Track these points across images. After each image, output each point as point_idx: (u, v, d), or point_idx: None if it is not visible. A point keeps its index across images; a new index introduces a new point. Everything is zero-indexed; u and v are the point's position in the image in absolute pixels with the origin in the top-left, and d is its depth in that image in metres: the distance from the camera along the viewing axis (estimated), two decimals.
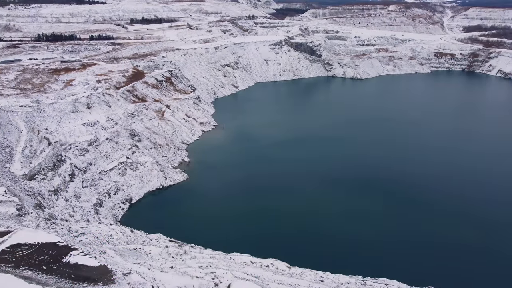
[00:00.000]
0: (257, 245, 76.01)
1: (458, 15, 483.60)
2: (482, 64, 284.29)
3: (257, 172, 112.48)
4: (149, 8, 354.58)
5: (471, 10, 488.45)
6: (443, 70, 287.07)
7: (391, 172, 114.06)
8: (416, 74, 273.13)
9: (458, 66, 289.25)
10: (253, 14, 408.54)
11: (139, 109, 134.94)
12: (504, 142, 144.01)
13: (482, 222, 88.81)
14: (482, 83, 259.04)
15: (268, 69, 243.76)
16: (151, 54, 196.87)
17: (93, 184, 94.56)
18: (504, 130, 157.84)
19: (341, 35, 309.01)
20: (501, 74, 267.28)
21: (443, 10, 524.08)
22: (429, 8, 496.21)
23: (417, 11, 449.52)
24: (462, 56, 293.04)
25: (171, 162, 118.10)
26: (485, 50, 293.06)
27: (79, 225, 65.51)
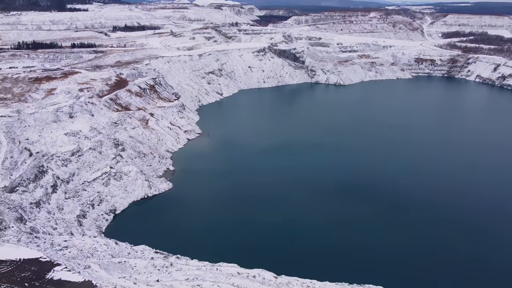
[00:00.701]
0: (244, 254, 75.80)
1: (437, 22, 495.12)
2: (461, 70, 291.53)
3: (242, 180, 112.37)
4: (131, 16, 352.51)
5: (450, 16, 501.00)
6: (423, 75, 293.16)
7: (376, 178, 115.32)
8: (397, 79, 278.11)
9: (438, 72, 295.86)
10: (237, 21, 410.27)
11: (123, 117, 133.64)
12: (484, 145, 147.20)
13: (469, 227, 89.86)
14: (461, 88, 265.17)
15: (252, 76, 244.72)
16: (134, 62, 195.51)
17: (76, 195, 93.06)
18: (484, 134, 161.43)
19: (323, 42, 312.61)
20: (480, 79, 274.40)
21: (423, 16, 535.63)
22: (409, 15, 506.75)
23: (397, 17, 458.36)
24: (442, 61, 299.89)
25: (155, 171, 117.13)
26: (463, 55, 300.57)
27: (62, 238, 64.32)
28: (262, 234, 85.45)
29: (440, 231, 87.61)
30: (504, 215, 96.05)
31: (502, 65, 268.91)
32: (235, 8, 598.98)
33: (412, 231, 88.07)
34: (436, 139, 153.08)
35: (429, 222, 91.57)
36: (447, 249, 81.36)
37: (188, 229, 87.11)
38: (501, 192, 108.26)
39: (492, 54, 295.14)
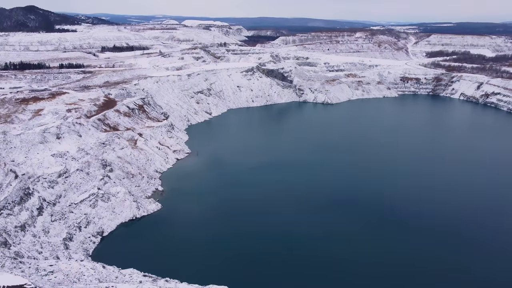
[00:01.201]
0: (234, 275, 74.85)
1: (421, 41, 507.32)
2: (446, 88, 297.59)
3: (232, 199, 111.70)
4: (120, 36, 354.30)
5: (433, 36, 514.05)
6: (409, 94, 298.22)
7: (365, 194, 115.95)
8: (384, 98, 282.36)
9: (423, 90, 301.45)
10: (225, 41, 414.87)
11: (111, 138, 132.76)
12: (470, 161, 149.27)
13: (455, 240, 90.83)
14: (447, 106, 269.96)
15: (240, 95, 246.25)
16: (123, 82, 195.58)
17: (63, 217, 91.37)
18: (470, 151, 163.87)
19: (311, 61, 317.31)
20: (464, 97, 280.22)
21: (407, 36, 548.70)
22: (393, 35, 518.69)
23: (382, 37, 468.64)
24: (427, 80, 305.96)
25: (144, 192, 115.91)
26: (447, 74, 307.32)
27: (47, 262, 62.75)
28: (252, 254, 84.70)
29: (430, 247, 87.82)
30: (491, 227, 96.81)
31: (485, 83, 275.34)
32: (224, 29, 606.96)
33: (401, 245, 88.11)
34: (424, 156, 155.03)
35: (421, 237, 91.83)
36: (435, 262, 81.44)
37: (177, 250, 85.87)
38: (487, 205, 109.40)
39: (475, 72, 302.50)
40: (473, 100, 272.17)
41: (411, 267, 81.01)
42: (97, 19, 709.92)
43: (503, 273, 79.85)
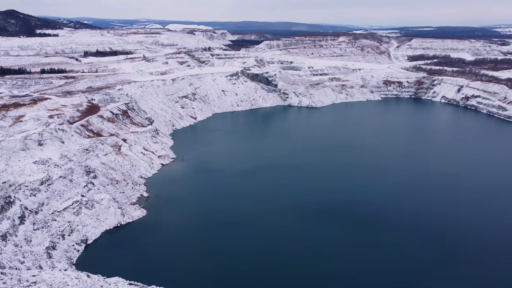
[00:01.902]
0: (221, 281, 74.61)
1: (403, 45, 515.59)
2: (427, 91, 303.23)
3: (218, 205, 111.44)
4: (103, 41, 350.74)
5: (414, 40, 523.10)
6: (392, 97, 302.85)
7: (352, 198, 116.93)
8: (367, 101, 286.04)
9: (406, 93, 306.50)
10: (209, 45, 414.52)
11: (95, 144, 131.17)
12: (454, 162, 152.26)
13: (445, 249, 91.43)
14: (428, 108, 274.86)
15: (225, 100, 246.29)
16: (107, 87, 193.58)
17: (46, 225, 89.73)
18: (452, 152, 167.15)
19: (295, 66, 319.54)
20: (445, 100, 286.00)
21: (389, 40, 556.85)
22: (376, 39, 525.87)
23: (365, 41, 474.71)
24: (409, 83, 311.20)
25: (129, 198, 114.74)
26: (429, 77, 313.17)
27: (30, 273, 61.54)
28: (240, 260, 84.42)
29: (418, 255, 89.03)
30: (480, 233, 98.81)
31: (465, 86, 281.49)
32: (208, 33, 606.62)
33: (386, 253, 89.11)
34: (410, 158, 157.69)
35: (405, 244, 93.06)
36: (426, 271, 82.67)
37: (164, 257, 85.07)
38: (473, 209, 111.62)
39: (455, 76, 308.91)
40: (454, 102, 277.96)
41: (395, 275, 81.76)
42: (79, 23, 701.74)
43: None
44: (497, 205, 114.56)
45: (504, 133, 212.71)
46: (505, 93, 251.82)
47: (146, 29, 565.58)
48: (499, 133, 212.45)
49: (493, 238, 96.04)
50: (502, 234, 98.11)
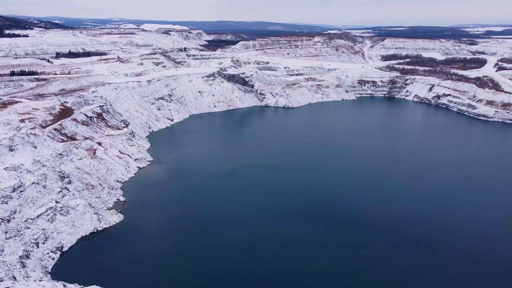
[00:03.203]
0: (201, 284, 74.52)
1: (376, 45, 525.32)
2: (400, 90, 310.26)
3: (197, 208, 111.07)
4: (76, 41, 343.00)
5: (387, 40, 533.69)
6: (366, 96, 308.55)
7: (331, 197, 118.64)
8: (343, 101, 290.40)
9: (380, 92, 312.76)
10: (185, 46, 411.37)
11: (68, 148, 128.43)
12: (426, 161, 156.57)
13: (425, 245, 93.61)
14: (401, 107, 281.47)
15: (202, 101, 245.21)
16: (80, 90, 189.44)
17: (18, 234, 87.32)
18: (424, 150, 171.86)
19: (271, 66, 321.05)
20: (417, 99, 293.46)
21: (363, 40, 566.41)
22: (350, 39, 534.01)
23: (340, 41, 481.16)
24: (383, 83, 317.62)
25: (105, 203, 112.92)
26: (402, 77, 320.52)
27: (3, 284, 59.89)
28: (220, 263, 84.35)
29: (399, 252, 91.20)
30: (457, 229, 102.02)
31: (436, 85, 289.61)
32: (183, 33, 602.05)
33: (371, 253, 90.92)
34: (383, 156, 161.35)
35: (390, 242, 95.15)
36: (406, 270, 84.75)
37: (142, 262, 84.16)
38: (449, 206, 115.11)
39: (427, 75, 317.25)
40: (426, 101, 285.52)
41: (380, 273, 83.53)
42: (50, 23, 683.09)
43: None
44: (470, 202, 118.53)
45: (474, 130, 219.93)
46: (474, 92, 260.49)
47: (120, 29, 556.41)
48: (469, 131, 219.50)
49: (466, 233, 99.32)
50: (474, 229, 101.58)
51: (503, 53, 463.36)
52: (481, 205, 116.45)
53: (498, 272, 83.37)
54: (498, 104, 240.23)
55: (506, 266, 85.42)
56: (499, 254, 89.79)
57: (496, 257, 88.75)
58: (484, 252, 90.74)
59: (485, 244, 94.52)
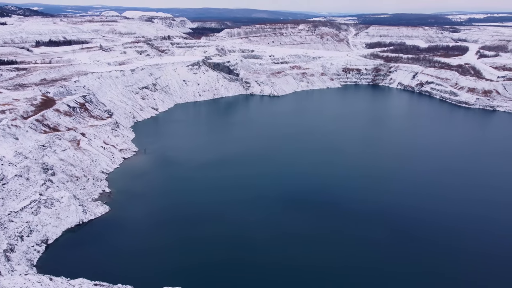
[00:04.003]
0: (188, 275, 75.06)
1: (361, 33, 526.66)
2: (384, 78, 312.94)
3: (183, 198, 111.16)
4: (56, 29, 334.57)
5: (372, 28, 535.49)
6: (351, 84, 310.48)
7: (318, 186, 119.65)
8: (328, 89, 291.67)
9: (364, 80, 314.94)
10: (169, 34, 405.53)
11: (51, 139, 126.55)
12: (410, 145, 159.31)
13: (409, 234, 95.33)
14: (385, 95, 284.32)
15: (187, 90, 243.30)
16: (62, 79, 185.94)
17: (2, 227, 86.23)
18: (408, 137, 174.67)
19: (256, 54, 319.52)
20: (401, 86, 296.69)
21: (347, 28, 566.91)
22: (335, 27, 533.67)
23: (324, 29, 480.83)
24: (367, 71, 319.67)
25: (90, 195, 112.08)
26: (386, 65, 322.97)
27: None
28: (207, 253, 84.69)
29: (388, 242, 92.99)
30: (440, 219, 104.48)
31: (420, 73, 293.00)
32: (167, 21, 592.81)
33: (355, 244, 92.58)
34: (371, 142, 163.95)
35: (375, 232, 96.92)
36: (393, 262, 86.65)
37: (129, 254, 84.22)
38: (433, 192, 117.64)
39: (410, 63, 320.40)
40: (409, 89, 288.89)
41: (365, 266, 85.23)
42: (29, 10, 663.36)
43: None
44: (451, 186, 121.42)
45: (456, 117, 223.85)
46: (456, 79, 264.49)
47: (102, 17, 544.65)
48: (451, 118, 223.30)
49: (447, 220, 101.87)
50: (455, 215, 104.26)
51: (484, 40, 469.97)
52: (464, 191, 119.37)
53: (487, 260, 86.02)
54: (479, 92, 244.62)
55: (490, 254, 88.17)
56: (484, 240, 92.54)
57: (482, 243, 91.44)
58: (464, 236, 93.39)
59: (468, 229, 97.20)
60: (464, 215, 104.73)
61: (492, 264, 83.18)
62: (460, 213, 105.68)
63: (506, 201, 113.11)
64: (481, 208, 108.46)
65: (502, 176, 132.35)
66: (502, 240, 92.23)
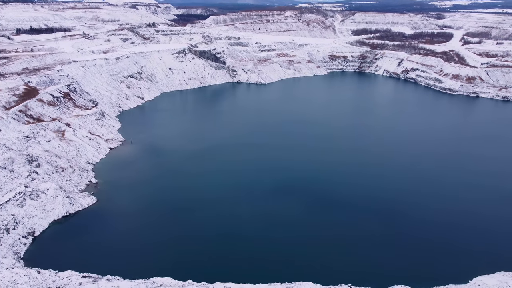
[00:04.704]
0: (177, 265, 75.62)
1: (347, 20, 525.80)
2: (370, 65, 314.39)
3: (172, 188, 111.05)
4: (37, 17, 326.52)
5: (358, 14, 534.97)
6: (338, 71, 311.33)
7: (307, 174, 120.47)
8: (314, 76, 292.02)
9: (351, 67, 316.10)
10: (154, 21, 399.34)
11: (36, 130, 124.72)
12: (395, 131, 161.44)
13: (388, 215, 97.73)
14: (371, 82, 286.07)
15: (173, 78, 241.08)
16: (45, 68, 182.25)
17: None
18: (395, 122, 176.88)
19: (243, 42, 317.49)
20: (387, 73, 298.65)
21: (334, 14, 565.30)
22: (321, 13, 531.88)
23: (311, 16, 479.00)
24: (353, 58, 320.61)
25: (77, 186, 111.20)
26: (372, 52, 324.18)
27: None
28: (194, 243, 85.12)
29: (364, 221, 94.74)
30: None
31: (405, 60, 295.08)
32: (151, 7, 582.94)
33: (334, 223, 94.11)
34: (356, 130, 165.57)
35: (354, 213, 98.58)
36: (369, 239, 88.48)
37: (118, 245, 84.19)
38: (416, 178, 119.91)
39: (396, 49, 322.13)
40: (395, 76, 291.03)
41: (346, 243, 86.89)
42: None
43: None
44: (434, 169, 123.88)
45: (440, 104, 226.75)
46: (441, 66, 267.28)
47: (85, 3, 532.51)
48: (435, 104, 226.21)
49: (429, 206, 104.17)
50: (438, 200, 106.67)
51: (468, 27, 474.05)
52: (447, 175, 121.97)
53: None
54: (463, 78, 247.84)
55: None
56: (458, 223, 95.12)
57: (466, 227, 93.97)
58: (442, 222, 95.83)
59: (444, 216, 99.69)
60: (446, 197, 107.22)
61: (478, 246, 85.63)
62: (442, 194, 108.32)
63: (488, 183, 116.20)
64: (463, 191, 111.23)
65: (483, 159, 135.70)
66: (487, 222, 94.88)
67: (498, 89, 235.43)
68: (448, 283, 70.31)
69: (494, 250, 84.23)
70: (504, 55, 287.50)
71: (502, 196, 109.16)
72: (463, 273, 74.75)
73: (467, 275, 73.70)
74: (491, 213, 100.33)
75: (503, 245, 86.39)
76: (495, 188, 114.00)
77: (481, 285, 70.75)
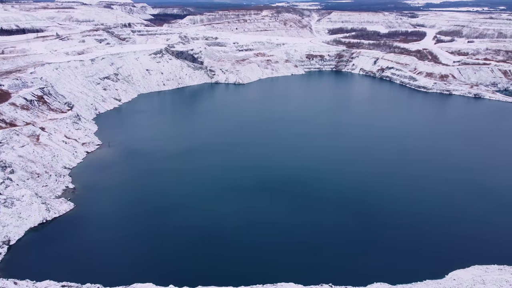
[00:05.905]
0: (158, 270, 75.06)
1: (323, 19, 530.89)
2: (347, 64, 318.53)
3: (151, 191, 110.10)
4: (8, 17, 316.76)
5: (334, 14, 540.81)
6: (315, 70, 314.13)
7: (288, 172, 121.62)
8: (292, 75, 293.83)
9: (328, 66, 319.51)
10: (130, 21, 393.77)
11: (9, 135, 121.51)
12: (372, 128, 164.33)
13: (366, 213, 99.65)
14: (348, 81, 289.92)
15: (151, 79, 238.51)
16: (17, 71, 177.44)
17: None
18: (371, 119, 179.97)
19: (220, 42, 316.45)
20: (363, 72, 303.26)
21: (310, 13, 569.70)
22: (298, 13, 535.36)
23: (287, 15, 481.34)
24: (330, 57, 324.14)
25: (53, 192, 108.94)
26: (348, 51, 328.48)
27: None
28: (175, 247, 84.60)
29: (343, 219, 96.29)
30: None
31: (380, 58, 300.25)
32: (127, 7, 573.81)
33: (317, 224, 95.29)
34: (334, 127, 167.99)
35: (336, 212, 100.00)
36: (350, 239, 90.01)
37: (97, 251, 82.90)
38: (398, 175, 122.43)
39: (372, 48, 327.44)
40: (371, 74, 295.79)
41: (327, 244, 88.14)
42: None
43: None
44: (409, 163, 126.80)
45: (414, 101, 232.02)
46: (415, 64, 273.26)
47: (57, 3, 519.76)
48: (410, 102, 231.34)
49: (406, 194, 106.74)
50: (414, 189, 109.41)
51: (441, 25, 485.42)
52: (421, 168, 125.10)
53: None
54: (437, 76, 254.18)
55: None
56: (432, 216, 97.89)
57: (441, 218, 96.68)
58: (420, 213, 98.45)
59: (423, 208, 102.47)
60: (420, 193, 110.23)
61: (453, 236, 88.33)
62: (417, 191, 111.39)
63: (461, 177, 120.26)
64: (438, 185, 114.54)
65: (456, 153, 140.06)
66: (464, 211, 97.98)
67: (470, 87, 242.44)
68: (425, 279, 72.43)
69: (469, 244, 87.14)
70: (475, 53, 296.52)
71: (476, 189, 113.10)
72: (439, 268, 77.09)
73: (443, 270, 76.12)
74: (465, 207, 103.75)
75: (477, 239, 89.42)
76: (469, 182, 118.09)
77: (456, 279, 73.23)
